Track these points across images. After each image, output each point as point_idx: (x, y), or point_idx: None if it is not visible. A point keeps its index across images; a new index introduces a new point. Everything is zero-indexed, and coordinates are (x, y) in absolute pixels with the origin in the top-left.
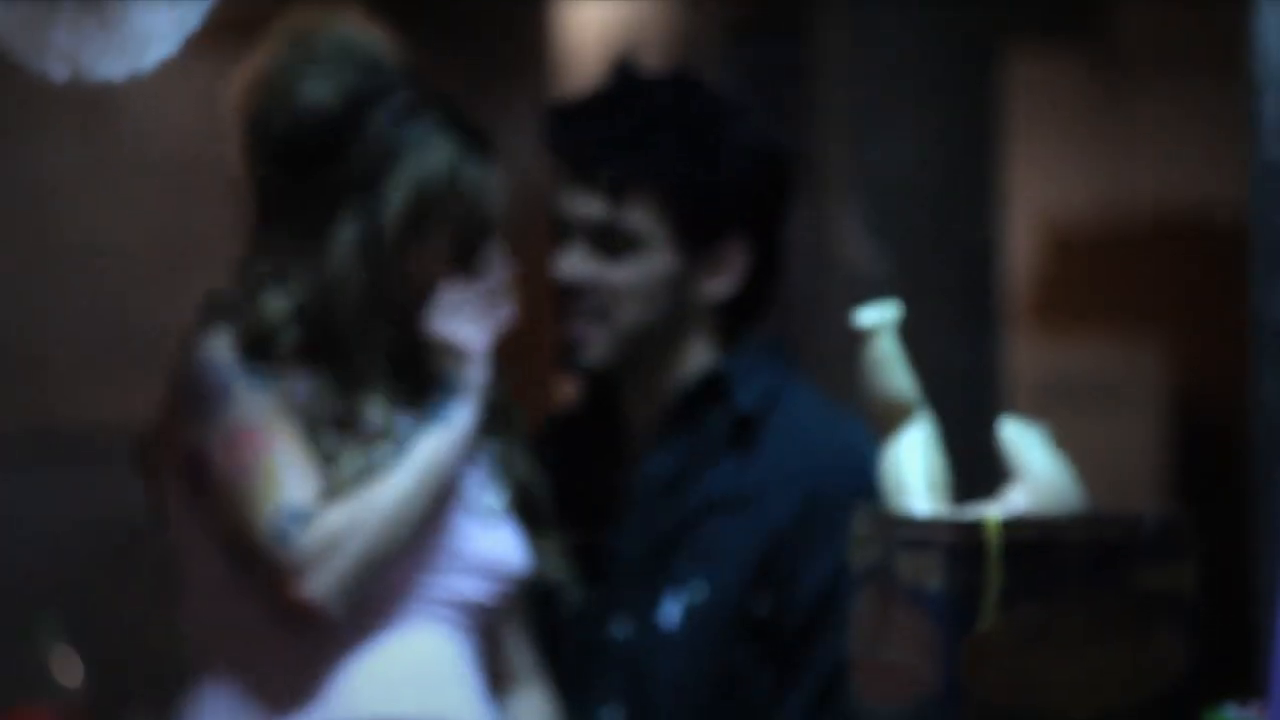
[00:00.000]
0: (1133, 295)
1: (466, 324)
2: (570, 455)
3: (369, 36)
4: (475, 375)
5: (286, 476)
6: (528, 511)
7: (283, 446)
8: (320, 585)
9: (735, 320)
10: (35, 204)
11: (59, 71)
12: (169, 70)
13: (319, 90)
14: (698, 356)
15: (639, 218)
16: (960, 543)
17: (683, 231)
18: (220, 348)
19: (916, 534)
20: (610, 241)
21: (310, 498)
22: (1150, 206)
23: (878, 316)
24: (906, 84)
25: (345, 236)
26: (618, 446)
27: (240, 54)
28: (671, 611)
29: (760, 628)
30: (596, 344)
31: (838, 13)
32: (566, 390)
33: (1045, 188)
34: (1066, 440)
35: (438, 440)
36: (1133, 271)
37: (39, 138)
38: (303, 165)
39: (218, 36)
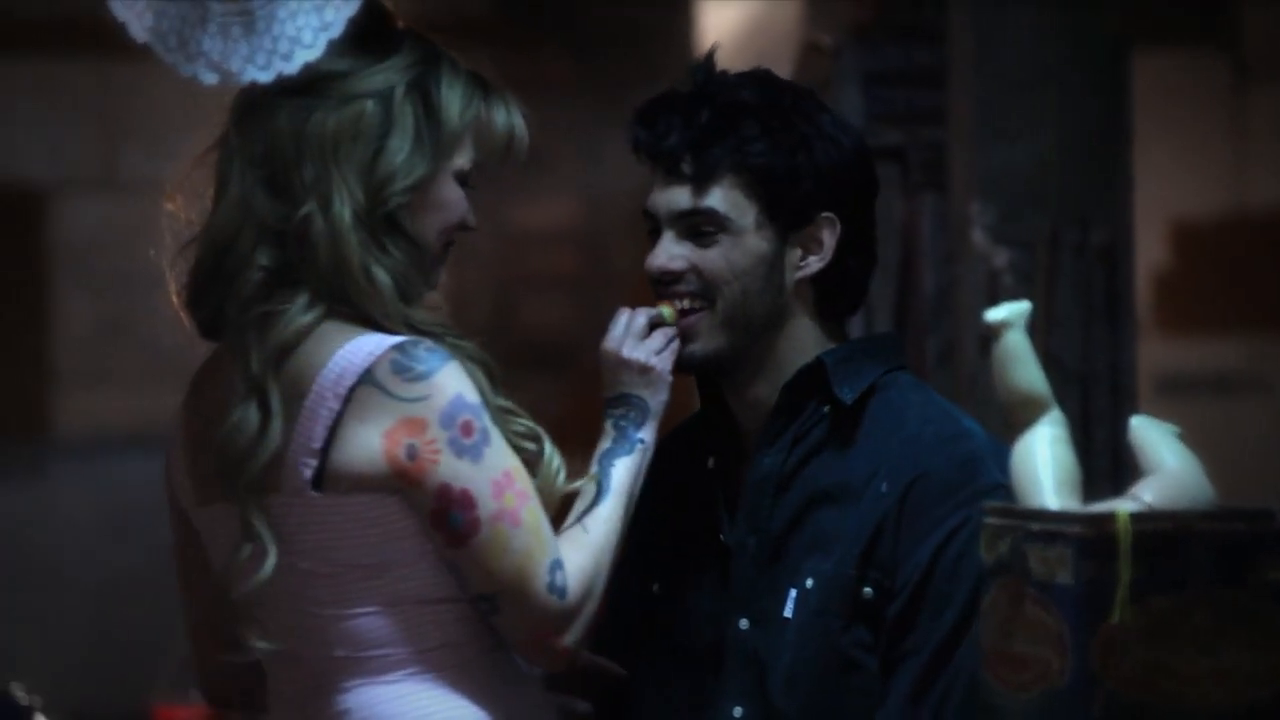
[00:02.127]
0: (1259, 293)
1: (648, 347)
2: (690, 461)
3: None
4: (659, 398)
5: (545, 525)
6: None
7: (531, 489)
8: (576, 635)
9: (833, 309)
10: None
11: (207, 76)
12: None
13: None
14: (799, 349)
15: (727, 201)
16: (1091, 536)
17: (770, 211)
18: (461, 378)
19: (1047, 527)
20: (700, 228)
21: (557, 543)
22: (1276, 206)
23: (1008, 314)
24: (1033, 86)
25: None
26: (733, 447)
27: None
28: (788, 603)
29: (869, 615)
30: (704, 332)
31: (963, 16)
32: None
33: (1172, 189)
34: (1195, 436)
35: (633, 466)
36: (1260, 270)
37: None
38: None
39: None
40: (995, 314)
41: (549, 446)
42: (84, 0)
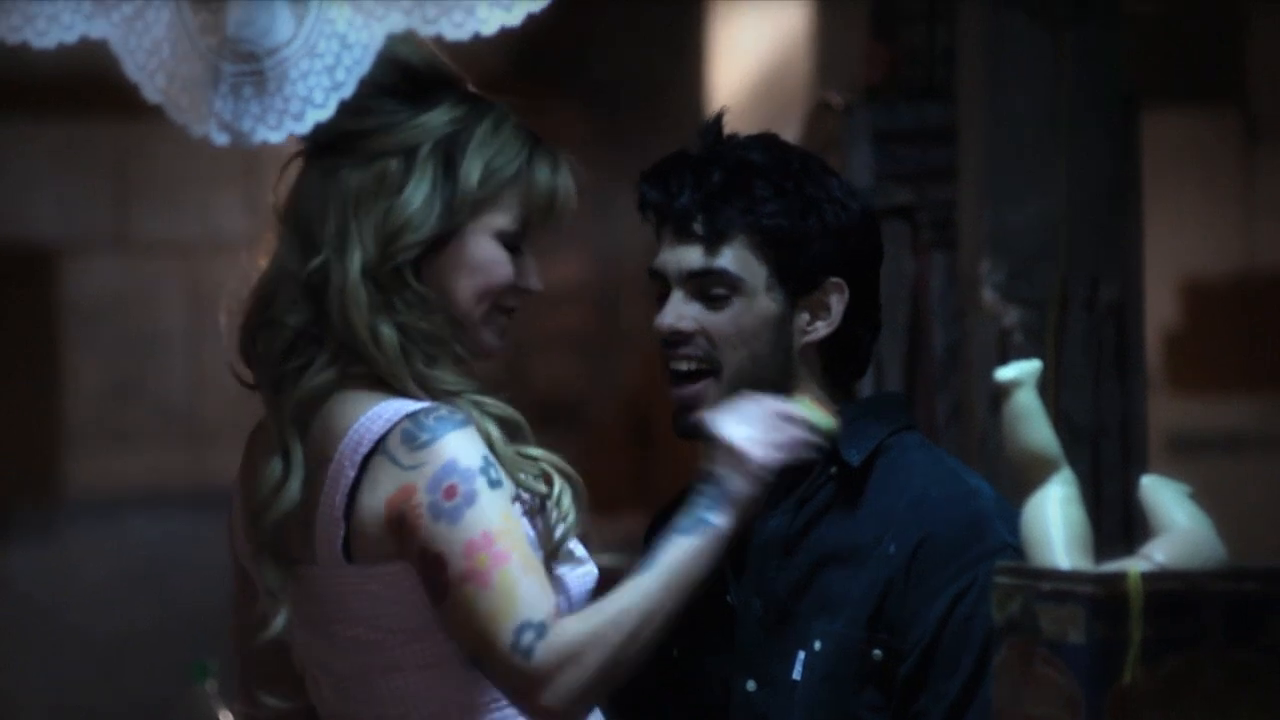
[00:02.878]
0: (1270, 351)
1: (749, 431)
2: None
3: (428, 49)
4: (742, 485)
5: (522, 586)
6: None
7: (518, 553)
8: (562, 698)
9: (840, 372)
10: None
11: (219, 137)
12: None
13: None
14: None
15: (739, 261)
16: (1102, 595)
17: (781, 274)
18: (463, 443)
19: (1058, 587)
20: (711, 289)
21: (548, 607)
22: None
23: (1018, 372)
24: (1043, 145)
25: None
26: None
27: None
28: (796, 665)
29: (878, 676)
30: (710, 399)
31: (974, 75)
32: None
33: (1182, 246)
34: (1206, 494)
35: (692, 548)
36: (1270, 328)
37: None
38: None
39: None
40: (1005, 373)
41: (558, 484)
42: (97, 61)
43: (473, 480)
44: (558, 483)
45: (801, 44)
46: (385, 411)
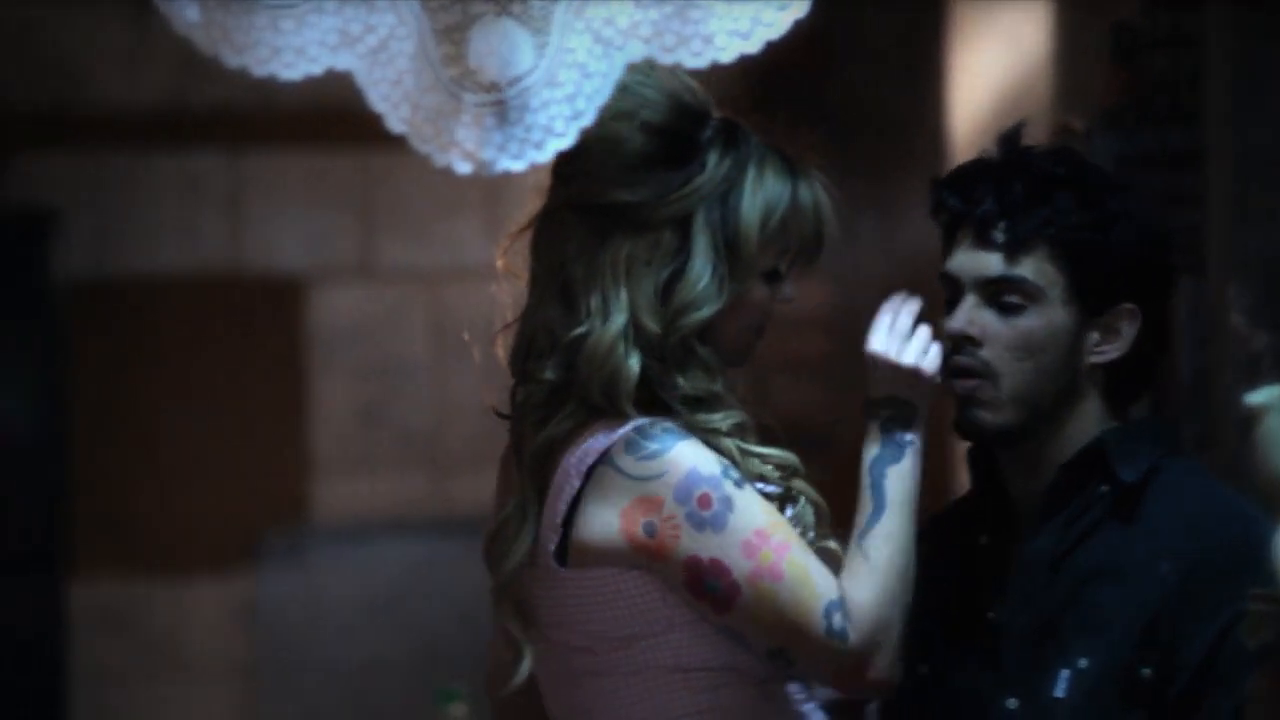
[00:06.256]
0: None
1: (915, 349)
2: (961, 536)
3: (686, 80)
4: (926, 402)
5: (812, 570)
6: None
7: (792, 538)
8: (884, 665)
9: (1121, 394)
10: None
11: (461, 166)
12: None
13: (658, 114)
14: (1081, 429)
15: (1037, 271)
16: None
17: (1078, 289)
18: (696, 453)
19: None
20: (1006, 296)
21: (834, 581)
22: None
23: (1267, 397)
24: None
25: (699, 262)
26: (1004, 524)
27: None
28: (1060, 683)
29: (1145, 696)
30: (989, 402)
31: (1219, 97)
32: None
33: None
34: None
35: (908, 471)
36: None
37: None
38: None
39: None
40: (1255, 398)
41: (799, 484)
42: (343, 92)
43: (720, 485)
44: (798, 484)
45: (1041, 68)
46: (611, 428)
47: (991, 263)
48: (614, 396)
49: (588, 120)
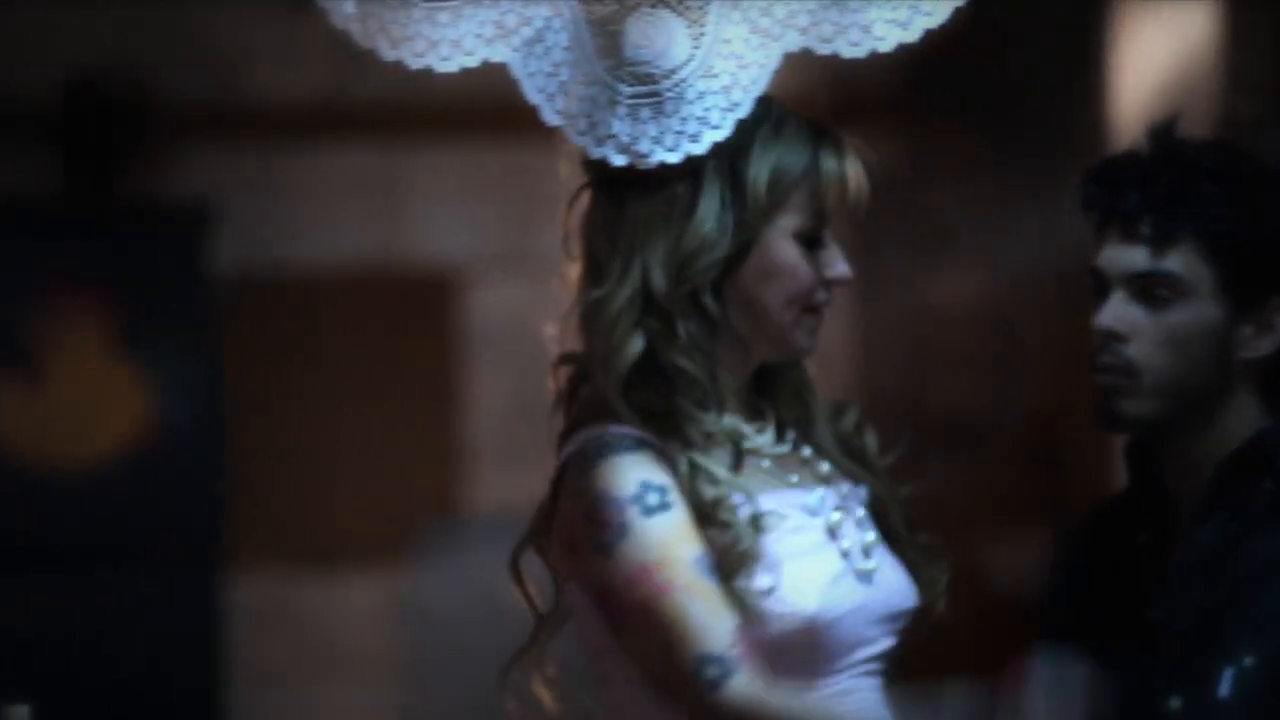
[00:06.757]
0: None
1: None
2: (1118, 534)
3: None
4: None
5: (693, 617)
6: (896, 539)
7: (681, 579)
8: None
9: (1278, 389)
10: None
11: (617, 158)
12: None
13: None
14: (1239, 423)
15: (1185, 265)
16: None
17: (1228, 283)
18: (624, 470)
19: None
20: (1154, 291)
21: (724, 637)
22: None
23: None
24: None
25: (708, 214)
26: (1163, 521)
27: None
28: (1224, 682)
29: None
30: (1132, 395)
31: None
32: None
33: None
34: None
35: None
36: None
37: None
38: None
39: None
40: None
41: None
42: (498, 84)
43: (624, 510)
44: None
45: (1207, 58)
46: (590, 429)
47: (1138, 257)
48: (609, 373)
49: (744, 112)
